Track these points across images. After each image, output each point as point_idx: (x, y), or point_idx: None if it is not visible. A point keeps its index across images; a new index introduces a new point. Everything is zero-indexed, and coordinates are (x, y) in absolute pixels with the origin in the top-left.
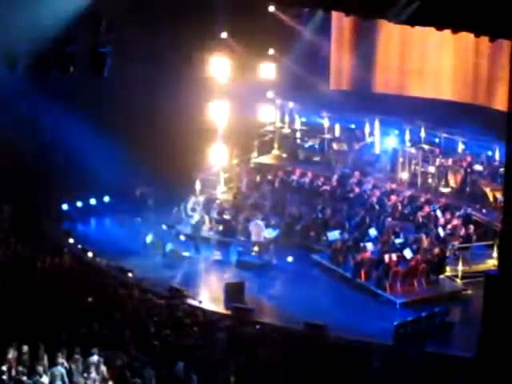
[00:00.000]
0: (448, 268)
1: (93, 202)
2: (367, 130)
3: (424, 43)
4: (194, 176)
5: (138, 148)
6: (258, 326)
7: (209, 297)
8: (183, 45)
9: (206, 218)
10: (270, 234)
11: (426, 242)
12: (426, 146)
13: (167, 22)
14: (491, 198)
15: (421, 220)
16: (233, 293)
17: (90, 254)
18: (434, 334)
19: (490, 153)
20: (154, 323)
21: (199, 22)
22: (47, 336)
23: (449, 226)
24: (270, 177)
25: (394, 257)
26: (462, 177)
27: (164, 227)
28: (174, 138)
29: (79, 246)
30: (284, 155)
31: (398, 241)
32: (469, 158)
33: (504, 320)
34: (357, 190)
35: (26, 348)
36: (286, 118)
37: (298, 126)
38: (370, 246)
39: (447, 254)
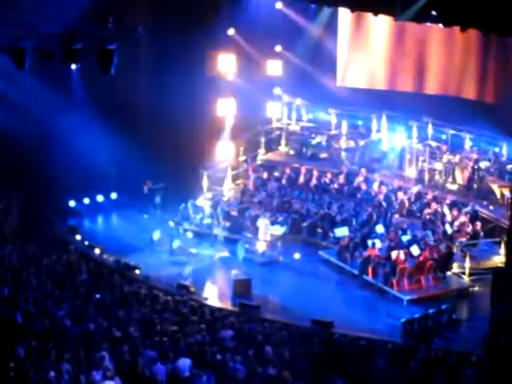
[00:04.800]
0: (455, 265)
1: (100, 198)
2: (374, 126)
3: (431, 40)
4: (201, 173)
5: (146, 145)
6: (265, 323)
7: (216, 293)
8: (190, 42)
9: (213, 214)
10: (277, 230)
11: (433, 239)
12: (433, 143)
13: (173, 19)
14: (498, 195)
15: (428, 217)
16: (240, 289)
17: (97, 251)
18: (441, 330)
19: (497, 149)
20: (160, 320)
21: (206, 18)
22: (56, 332)
23: (456, 223)
24: (277, 174)
25: (402, 254)
26: (469, 173)
27: (171, 224)
28: (182, 135)
29: (86, 243)
30: (291, 152)
31: (405, 238)
32: (476, 155)
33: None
34: (364, 186)
35: (33, 343)
36: (293, 115)
37: (305, 122)
38: (377, 242)
39: (454, 250)
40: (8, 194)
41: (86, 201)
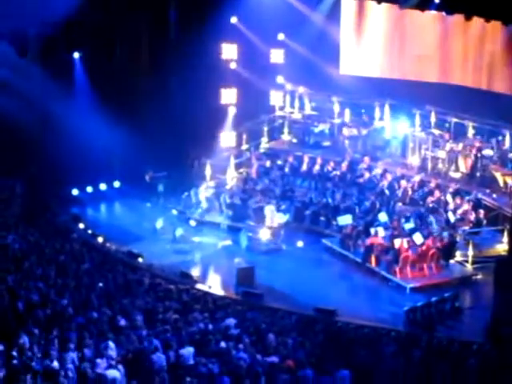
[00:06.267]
0: (458, 253)
1: (103, 187)
2: (377, 114)
3: (434, 28)
4: (204, 161)
5: (149, 133)
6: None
7: (219, 282)
8: (192, 31)
9: (216, 203)
10: (280, 218)
11: (436, 227)
12: (436, 131)
13: (175, 7)
14: (501, 183)
15: (431, 205)
16: (243, 278)
17: (100, 239)
18: (443, 318)
19: (500, 137)
20: (163, 308)
21: (208, 7)
22: (59, 321)
23: (459, 211)
24: (279, 162)
25: (405, 242)
26: (472, 162)
27: (174, 212)
28: (185, 124)
29: (89, 231)
30: (294, 140)
31: (408, 226)
32: (479, 143)
33: None
34: (367, 175)
35: (36, 332)
36: (296, 103)
37: (307, 110)
38: (380, 231)
39: (457, 238)
40: (11, 182)
41: (89, 189)
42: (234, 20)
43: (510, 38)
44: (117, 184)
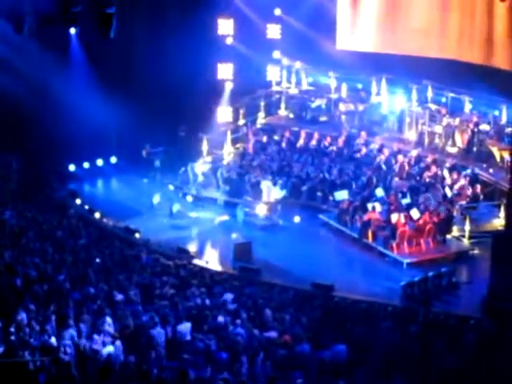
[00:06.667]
0: (455, 228)
1: (100, 163)
2: (374, 89)
3: (430, 2)
4: (201, 137)
5: (146, 109)
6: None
7: (216, 257)
8: (189, 6)
9: (213, 178)
10: (277, 194)
11: (433, 202)
12: (432, 106)
13: None
14: (498, 158)
15: (428, 180)
16: (240, 253)
17: (97, 215)
18: (440, 293)
19: (496, 112)
20: (160, 283)
21: None
22: (56, 297)
23: (456, 186)
24: (276, 137)
25: (402, 217)
26: (468, 136)
27: (171, 188)
28: (182, 99)
29: (86, 207)
30: (291, 115)
31: (405, 201)
32: (476, 118)
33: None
34: (364, 150)
35: (32, 308)
36: (293, 78)
37: (304, 86)
38: (377, 206)
39: (454, 213)
40: (7, 157)
41: (86, 165)
42: None
43: (507, 12)
44: (113, 160)
